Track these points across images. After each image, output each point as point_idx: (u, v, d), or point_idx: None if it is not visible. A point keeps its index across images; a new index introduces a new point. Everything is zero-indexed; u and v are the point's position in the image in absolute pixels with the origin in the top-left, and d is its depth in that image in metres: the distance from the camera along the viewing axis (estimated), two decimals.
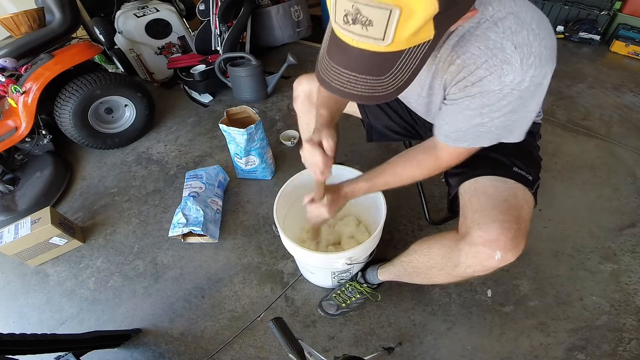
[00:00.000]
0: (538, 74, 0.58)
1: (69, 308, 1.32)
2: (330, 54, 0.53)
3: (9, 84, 1.64)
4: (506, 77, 0.58)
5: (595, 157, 1.65)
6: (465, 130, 0.69)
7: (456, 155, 0.76)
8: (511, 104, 0.61)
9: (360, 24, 0.44)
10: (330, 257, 0.97)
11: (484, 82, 0.60)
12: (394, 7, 0.41)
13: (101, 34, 2.43)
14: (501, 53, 0.57)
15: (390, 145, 1.79)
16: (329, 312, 1.16)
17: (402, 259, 0.98)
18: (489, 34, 0.57)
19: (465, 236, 0.72)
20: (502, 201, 0.73)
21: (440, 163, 0.79)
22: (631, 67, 2.32)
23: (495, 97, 0.61)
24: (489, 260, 0.69)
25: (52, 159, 1.84)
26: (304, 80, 1.11)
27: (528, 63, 0.56)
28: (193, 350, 1.16)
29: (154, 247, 1.47)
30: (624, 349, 1.05)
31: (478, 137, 0.69)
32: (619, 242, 1.31)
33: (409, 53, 0.48)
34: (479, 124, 0.66)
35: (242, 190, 1.67)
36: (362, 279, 1.16)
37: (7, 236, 1.35)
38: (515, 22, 0.56)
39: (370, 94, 0.52)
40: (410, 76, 0.51)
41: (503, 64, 0.57)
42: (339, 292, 1.17)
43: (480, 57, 0.58)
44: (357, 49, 0.48)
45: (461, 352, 1.08)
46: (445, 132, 0.73)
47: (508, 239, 0.67)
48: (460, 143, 0.72)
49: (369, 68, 0.50)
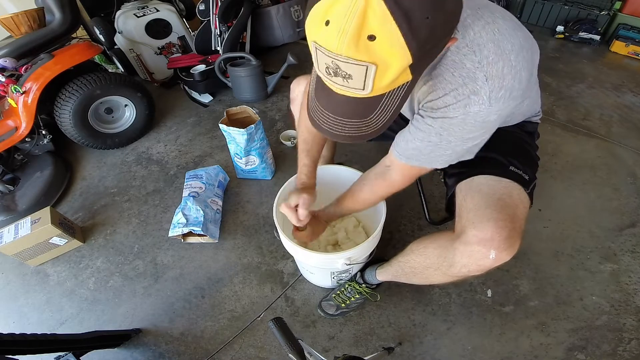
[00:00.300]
0: (505, 107, 0.60)
1: (69, 308, 1.32)
2: (318, 97, 0.57)
3: (9, 84, 1.64)
4: (471, 107, 0.59)
5: (595, 157, 1.65)
6: (421, 149, 0.70)
7: (407, 176, 0.81)
8: (471, 132, 0.64)
9: (341, 77, 0.47)
10: (329, 257, 0.97)
11: (449, 109, 0.61)
12: (369, 64, 0.44)
13: (101, 34, 2.43)
14: (472, 83, 0.58)
15: (390, 145, 1.79)
16: (328, 312, 1.16)
17: (399, 259, 0.98)
18: (464, 62, 0.58)
19: (460, 235, 0.72)
20: (496, 200, 0.73)
21: (394, 186, 0.84)
22: (631, 67, 2.32)
23: (456, 125, 0.63)
24: (484, 260, 0.69)
25: (52, 159, 1.84)
26: (302, 81, 1.11)
27: (497, 97, 0.58)
28: (193, 350, 1.16)
29: (154, 247, 1.47)
30: (624, 349, 1.05)
31: (432, 158, 0.71)
32: (619, 242, 1.31)
33: (389, 95, 0.52)
34: (435, 145, 0.68)
35: (242, 190, 1.67)
36: (361, 279, 1.16)
37: (7, 236, 1.35)
38: (495, 51, 0.56)
39: (357, 134, 0.56)
40: (393, 113, 0.54)
41: (471, 94, 0.58)
42: (338, 293, 1.17)
43: (452, 83, 0.59)
44: (341, 95, 0.52)
45: (461, 352, 1.08)
46: (401, 148, 0.75)
47: (502, 238, 0.67)
48: (413, 162, 0.74)
49: (354, 112, 0.54)
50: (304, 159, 0.98)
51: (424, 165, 0.74)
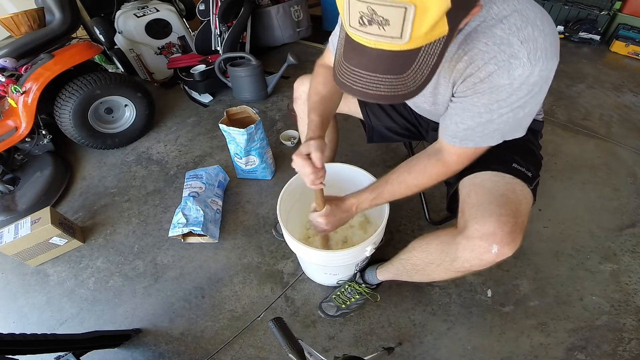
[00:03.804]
0: (545, 68, 0.59)
1: (69, 308, 1.32)
2: (348, 58, 0.54)
3: (9, 84, 1.64)
4: (515, 71, 0.58)
5: (595, 157, 1.65)
6: (474, 128, 0.68)
7: (463, 157, 0.75)
8: (520, 99, 0.62)
9: (377, 24, 0.45)
10: (357, 248, 0.95)
11: (493, 77, 0.60)
12: (408, 4, 0.42)
13: (101, 34, 2.43)
14: (509, 48, 0.57)
15: (390, 145, 1.79)
16: (329, 313, 1.16)
17: (401, 257, 0.98)
18: (495, 31, 0.58)
19: (463, 230, 0.72)
20: (499, 195, 0.73)
21: (448, 167, 0.78)
22: (631, 67, 2.32)
23: (505, 93, 0.61)
24: (486, 254, 0.69)
25: (52, 159, 1.84)
26: (305, 81, 1.11)
27: (535, 57, 0.57)
28: (193, 350, 1.16)
29: (154, 247, 1.47)
30: (624, 349, 1.05)
31: (485, 135, 0.69)
32: (619, 242, 1.31)
33: (426, 49, 0.49)
34: (488, 121, 0.66)
35: (242, 190, 1.67)
36: (360, 279, 1.16)
37: (7, 236, 1.35)
38: (520, 19, 0.57)
39: (392, 93, 0.52)
40: (430, 72, 0.52)
41: (511, 59, 0.58)
42: (338, 294, 1.17)
43: (488, 52, 0.59)
44: (375, 49, 0.49)
45: (461, 352, 1.08)
46: (452, 132, 0.72)
47: (505, 232, 0.67)
48: (467, 143, 0.71)
49: (389, 67, 0.51)
50: (312, 115, 0.89)
51: (479, 145, 0.71)
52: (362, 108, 1.12)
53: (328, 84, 0.92)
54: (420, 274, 0.91)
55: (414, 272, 0.93)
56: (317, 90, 0.93)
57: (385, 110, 1.09)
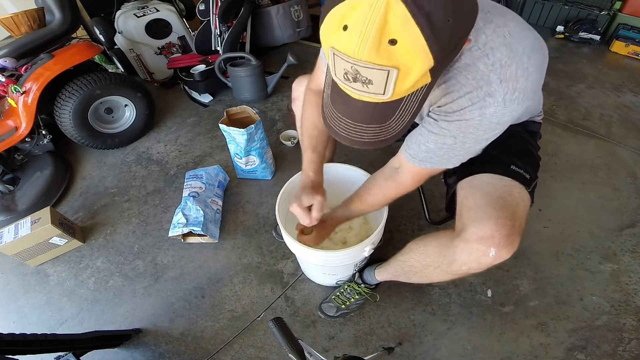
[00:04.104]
0: (518, 109, 0.60)
1: (69, 308, 1.32)
2: (335, 104, 0.56)
3: (9, 84, 1.64)
4: (487, 109, 0.59)
5: (595, 157, 1.65)
6: (435, 151, 0.70)
7: (418, 177, 0.79)
8: (486, 133, 0.64)
9: (361, 82, 0.47)
10: (355, 249, 0.95)
11: (465, 112, 0.61)
12: (391, 68, 0.43)
13: (101, 34, 2.43)
14: (487, 86, 0.58)
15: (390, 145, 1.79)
16: (329, 314, 1.16)
17: (398, 258, 0.98)
18: (478, 65, 0.57)
19: (461, 233, 0.72)
20: (497, 198, 0.73)
21: (404, 188, 0.83)
22: (631, 67, 2.32)
23: (472, 127, 0.63)
24: (484, 258, 0.69)
25: (52, 159, 1.84)
26: (303, 81, 1.11)
27: (512, 98, 0.58)
28: (193, 350, 1.16)
29: (154, 247, 1.47)
30: (624, 349, 1.05)
31: (445, 159, 0.71)
32: (619, 242, 1.31)
33: (409, 98, 0.51)
34: (450, 147, 0.68)
35: (242, 190, 1.67)
36: (359, 279, 1.16)
37: (7, 236, 1.35)
38: (507, 54, 0.56)
39: (375, 139, 0.55)
40: (412, 117, 0.53)
41: (487, 97, 0.58)
42: (337, 294, 1.17)
43: (466, 86, 0.59)
44: (359, 100, 0.51)
45: (461, 352, 1.08)
46: (413, 151, 0.74)
47: (502, 235, 0.67)
48: (426, 164, 0.73)
49: (372, 117, 0.53)
50: (310, 155, 0.96)
51: (436, 166, 0.73)
52: None
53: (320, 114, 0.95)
54: (418, 276, 0.91)
55: (412, 273, 0.93)
56: (313, 121, 0.94)
57: None
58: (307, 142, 0.96)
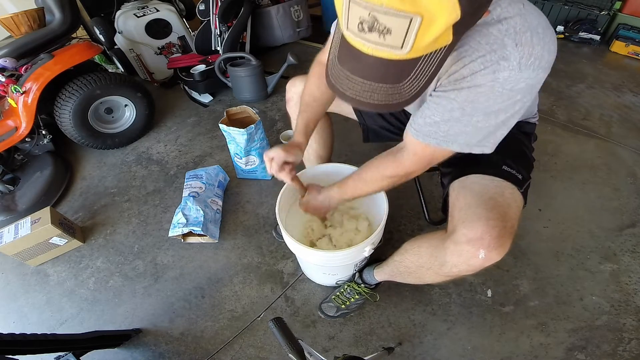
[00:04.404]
0: (534, 77, 0.57)
1: (69, 308, 1.32)
2: (342, 61, 0.52)
3: (9, 84, 1.64)
4: (500, 74, 0.56)
5: (595, 157, 1.65)
6: (439, 124, 0.65)
7: (419, 158, 0.74)
8: (497, 104, 0.60)
9: (377, 32, 0.43)
10: (356, 249, 0.95)
11: (476, 76, 0.57)
12: (415, 15, 0.39)
13: (101, 34, 2.43)
14: (501, 50, 0.55)
15: (389, 145, 1.79)
16: (329, 314, 1.16)
17: (395, 258, 0.98)
18: (491, 30, 0.55)
19: (451, 234, 0.71)
20: (487, 199, 0.71)
21: (402, 167, 0.78)
22: (631, 67, 2.32)
23: (483, 95, 0.59)
24: (473, 259, 0.68)
25: (52, 159, 1.84)
26: (297, 82, 1.11)
27: (527, 63, 0.55)
28: (193, 350, 1.16)
29: (154, 247, 1.47)
30: (624, 349, 1.05)
31: (449, 135, 0.66)
32: (619, 242, 1.31)
33: (426, 59, 0.47)
34: (456, 120, 0.63)
35: (242, 190, 1.67)
36: (359, 279, 1.16)
37: (7, 236, 1.35)
38: (521, 22, 0.55)
39: (386, 102, 0.51)
40: (427, 81, 0.50)
41: (500, 60, 0.55)
42: (337, 294, 1.17)
43: (479, 50, 0.56)
44: (372, 56, 0.46)
45: (461, 352, 1.08)
46: (418, 125, 0.69)
47: (492, 237, 0.66)
48: (430, 140, 0.68)
49: (385, 76, 0.49)
50: (299, 119, 0.95)
51: (440, 144, 0.67)
52: (354, 108, 1.12)
53: (322, 86, 0.92)
54: (412, 277, 0.91)
55: (407, 274, 0.92)
56: (311, 91, 0.93)
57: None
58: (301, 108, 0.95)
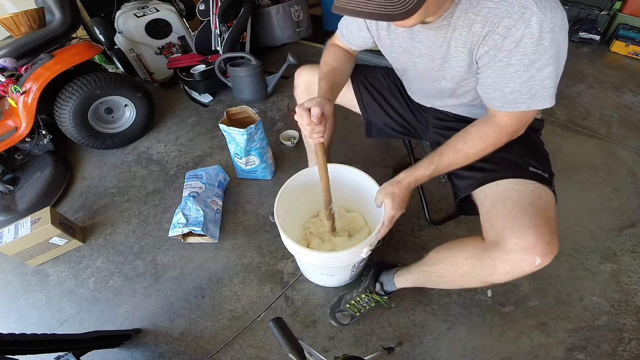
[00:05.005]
0: (556, 16, 0.61)
1: (69, 308, 1.32)
2: None
3: (9, 84, 1.64)
4: (531, 19, 0.60)
5: (595, 157, 1.65)
6: (519, 89, 0.69)
7: (515, 120, 0.74)
8: (549, 48, 0.63)
9: None
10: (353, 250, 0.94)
11: (513, 31, 0.62)
12: None
13: (101, 34, 2.43)
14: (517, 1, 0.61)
15: (390, 144, 1.79)
16: (343, 323, 1.14)
17: (423, 268, 0.96)
18: None
19: (499, 245, 0.71)
20: (529, 205, 0.72)
21: (505, 129, 0.76)
22: (631, 67, 2.32)
23: (530, 45, 0.63)
24: (529, 266, 0.69)
25: (52, 159, 1.84)
26: (304, 71, 1.12)
27: (543, 5, 0.60)
28: (193, 350, 1.16)
29: (154, 247, 1.47)
30: (624, 349, 1.05)
31: (534, 95, 0.69)
32: (619, 242, 1.31)
33: None
34: (529, 79, 0.67)
35: (242, 190, 1.67)
36: (381, 290, 1.12)
37: (7, 236, 1.35)
38: None
39: (380, 11, 0.55)
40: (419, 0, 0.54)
41: (522, 9, 0.60)
42: (353, 303, 1.13)
43: (499, 8, 0.62)
44: None
45: (461, 352, 1.08)
46: (498, 99, 0.72)
47: (544, 243, 0.67)
48: (519, 106, 0.71)
49: None
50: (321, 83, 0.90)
51: (531, 107, 0.70)
52: (359, 102, 1.12)
53: (338, 58, 0.97)
54: (450, 284, 0.91)
55: (442, 282, 0.92)
56: (327, 63, 0.96)
57: (381, 106, 1.09)
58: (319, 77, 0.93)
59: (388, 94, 1.09)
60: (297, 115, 0.83)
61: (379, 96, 1.09)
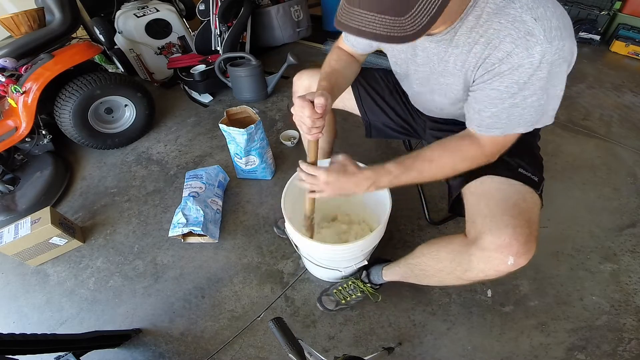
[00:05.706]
0: (562, 47, 0.59)
1: (69, 308, 1.32)
2: (350, 1, 0.54)
3: (9, 84, 1.64)
4: (533, 49, 0.58)
5: (595, 157, 1.65)
6: (498, 115, 0.68)
7: (495, 143, 0.73)
8: (542, 79, 0.62)
9: None
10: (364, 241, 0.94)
11: (512, 56, 0.60)
12: None
13: (101, 34, 2.43)
14: (523, 25, 0.58)
15: (390, 144, 1.79)
16: (327, 307, 1.16)
17: (409, 261, 0.97)
18: (507, 10, 0.59)
19: (476, 241, 0.72)
20: (512, 205, 0.72)
21: (483, 149, 0.74)
22: (631, 67, 2.32)
23: (525, 74, 0.61)
24: (502, 266, 0.69)
25: (52, 159, 1.84)
26: (304, 76, 1.11)
27: (551, 35, 0.58)
28: (193, 350, 1.16)
29: (154, 247, 1.47)
30: (624, 349, 1.05)
31: (512, 121, 0.68)
32: (619, 242, 1.31)
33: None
34: (511, 106, 0.66)
35: (242, 190, 1.67)
36: (366, 278, 1.16)
37: (7, 236, 1.35)
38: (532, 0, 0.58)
39: (388, 33, 0.52)
40: (430, 19, 0.51)
41: (527, 36, 0.58)
42: (340, 289, 1.17)
43: (503, 30, 0.60)
44: None
45: (461, 352, 1.08)
46: (476, 121, 0.72)
47: (520, 243, 0.68)
48: (493, 131, 0.70)
49: (387, 7, 0.50)
50: (322, 82, 0.85)
51: (506, 132, 0.70)
52: (358, 103, 1.12)
53: (341, 60, 0.95)
54: (430, 279, 0.91)
55: (423, 276, 0.93)
56: (329, 64, 0.94)
57: (381, 107, 1.10)
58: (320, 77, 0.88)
59: (387, 95, 1.09)
60: (298, 108, 0.76)
61: (378, 97, 1.09)
